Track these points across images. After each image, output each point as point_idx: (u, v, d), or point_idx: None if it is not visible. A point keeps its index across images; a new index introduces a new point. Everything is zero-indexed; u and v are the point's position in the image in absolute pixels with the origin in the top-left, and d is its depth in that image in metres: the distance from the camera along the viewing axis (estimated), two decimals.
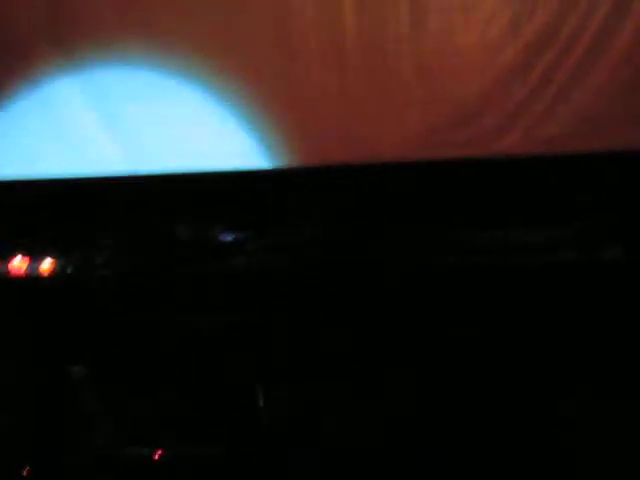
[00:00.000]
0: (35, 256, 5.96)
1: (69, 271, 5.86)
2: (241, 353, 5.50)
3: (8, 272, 5.88)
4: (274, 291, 5.70)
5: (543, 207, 5.94)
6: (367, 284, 5.68)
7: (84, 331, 5.70)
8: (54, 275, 5.84)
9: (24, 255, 5.95)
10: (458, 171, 6.11)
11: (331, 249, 5.92)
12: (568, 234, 5.72)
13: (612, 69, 5.99)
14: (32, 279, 5.84)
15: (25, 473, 5.15)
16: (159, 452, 5.19)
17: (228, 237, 6.02)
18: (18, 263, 5.89)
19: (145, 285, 5.78)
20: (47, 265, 5.87)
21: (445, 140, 6.16)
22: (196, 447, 5.27)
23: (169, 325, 5.60)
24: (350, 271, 5.76)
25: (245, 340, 5.55)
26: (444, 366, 5.48)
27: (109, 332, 5.68)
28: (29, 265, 5.93)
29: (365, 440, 5.17)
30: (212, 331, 5.54)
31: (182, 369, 5.54)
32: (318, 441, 5.24)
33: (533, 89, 6.07)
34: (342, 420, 5.32)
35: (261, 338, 5.55)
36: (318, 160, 6.24)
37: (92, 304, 5.73)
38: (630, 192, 5.91)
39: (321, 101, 6.25)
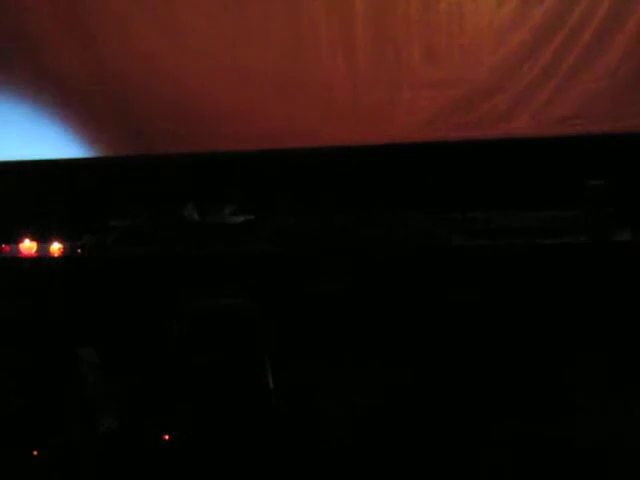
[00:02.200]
0: (45, 237, 5.94)
1: (79, 252, 5.84)
2: (250, 335, 5.48)
3: (19, 253, 5.86)
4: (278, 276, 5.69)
5: (552, 189, 5.95)
6: (373, 265, 5.68)
7: (94, 313, 5.68)
8: (64, 256, 5.82)
9: (34, 237, 5.93)
10: (467, 153, 6.12)
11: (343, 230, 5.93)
12: (577, 216, 5.73)
13: (621, 51, 6.03)
14: (42, 260, 5.82)
15: (33, 455, 5.13)
16: (167, 436, 5.17)
17: (237, 219, 6.01)
18: (28, 244, 5.87)
19: (155, 267, 5.77)
20: (57, 246, 5.85)
21: (455, 122, 6.18)
22: (204, 429, 5.26)
23: (179, 307, 5.58)
24: (355, 253, 5.75)
25: (254, 322, 5.53)
26: (448, 352, 5.48)
27: (118, 314, 5.66)
28: (39, 246, 5.91)
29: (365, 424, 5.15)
30: (221, 314, 5.53)
31: (190, 352, 5.52)
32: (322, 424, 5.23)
33: (542, 71, 6.10)
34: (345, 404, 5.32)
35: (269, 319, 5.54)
36: (327, 143, 6.25)
37: (102, 286, 5.71)
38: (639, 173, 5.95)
39: (331, 84, 6.25)
